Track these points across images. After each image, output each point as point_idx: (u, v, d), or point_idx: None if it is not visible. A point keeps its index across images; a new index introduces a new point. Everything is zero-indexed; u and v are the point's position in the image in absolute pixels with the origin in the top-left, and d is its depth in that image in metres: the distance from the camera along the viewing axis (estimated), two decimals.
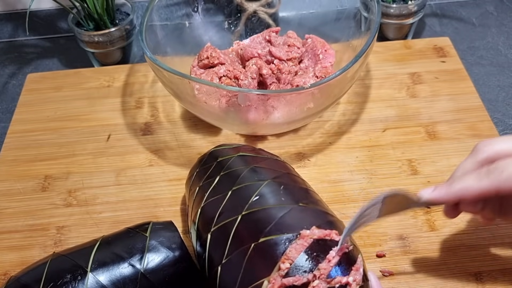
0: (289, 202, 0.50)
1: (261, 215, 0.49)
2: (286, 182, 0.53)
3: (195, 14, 0.80)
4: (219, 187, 0.54)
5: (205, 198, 0.54)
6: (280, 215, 0.48)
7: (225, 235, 0.49)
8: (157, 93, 0.80)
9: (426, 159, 0.69)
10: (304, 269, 0.44)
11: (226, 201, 0.52)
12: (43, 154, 0.73)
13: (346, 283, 0.44)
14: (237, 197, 0.52)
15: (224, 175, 0.55)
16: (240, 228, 0.49)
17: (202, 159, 0.61)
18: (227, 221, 0.50)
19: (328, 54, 0.74)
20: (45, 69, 0.91)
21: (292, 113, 0.66)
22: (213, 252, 0.50)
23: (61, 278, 0.50)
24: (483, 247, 0.60)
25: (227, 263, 0.48)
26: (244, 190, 0.52)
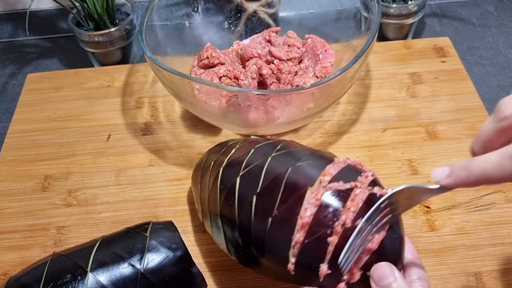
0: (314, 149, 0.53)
1: (292, 152, 0.51)
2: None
3: (195, 14, 0.80)
4: (240, 150, 0.55)
5: (227, 159, 0.54)
6: (310, 151, 0.51)
7: (256, 173, 0.50)
8: (157, 93, 0.80)
9: (426, 159, 0.69)
10: (346, 179, 0.46)
11: (252, 154, 0.53)
12: (43, 154, 0.73)
13: (385, 192, 0.45)
14: (262, 149, 0.53)
15: (241, 144, 0.57)
16: (272, 164, 0.50)
17: (211, 149, 0.62)
18: (257, 163, 0.51)
19: (328, 54, 0.74)
20: (45, 69, 0.91)
21: (292, 113, 0.66)
22: (245, 189, 0.50)
23: (61, 278, 0.50)
24: (483, 247, 0.60)
25: (263, 191, 0.48)
26: (268, 145, 0.54)
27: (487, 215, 0.63)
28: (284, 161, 0.50)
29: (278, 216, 0.46)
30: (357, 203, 0.44)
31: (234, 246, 0.52)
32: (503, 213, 0.63)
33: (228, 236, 0.52)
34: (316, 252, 0.44)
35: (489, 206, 0.64)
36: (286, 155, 0.51)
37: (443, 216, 0.63)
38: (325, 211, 0.44)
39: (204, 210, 0.56)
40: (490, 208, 0.63)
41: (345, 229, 0.43)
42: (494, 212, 0.63)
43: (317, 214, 0.44)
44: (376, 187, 0.46)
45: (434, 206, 0.64)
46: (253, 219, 0.48)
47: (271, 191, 0.48)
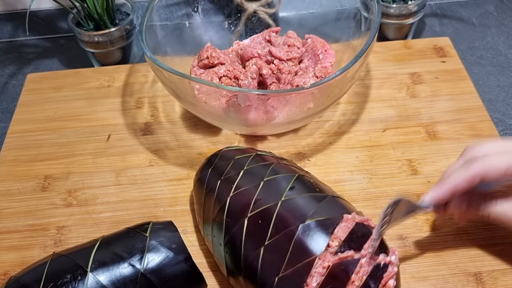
0: (323, 192, 0.54)
1: (301, 201, 0.52)
2: (312, 178, 0.57)
3: (195, 14, 0.80)
4: (246, 180, 0.55)
5: (233, 190, 0.55)
6: (320, 201, 0.52)
7: (266, 219, 0.51)
8: (157, 93, 0.80)
9: (426, 159, 0.69)
10: (352, 247, 0.47)
11: (260, 190, 0.53)
12: (43, 154, 0.73)
13: (389, 262, 0.48)
14: (271, 187, 0.54)
15: (248, 170, 0.57)
16: (282, 211, 0.51)
17: (213, 160, 0.61)
18: (266, 206, 0.52)
19: (328, 54, 0.74)
20: (45, 69, 0.91)
21: (292, 113, 0.66)
22: (253, 236, 0.51)
23: (61, 278, 0.50)
24: (483, 247, 0.60)
25: (271, 244, 0.49)
26: (277, 181, 0.55)
27: None
28: (295, 211, 0.51)
29: (284, 277, 0.47)
30: (361, 277, 0.46)
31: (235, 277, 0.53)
32: None
33: (231, 269, 0.53)
34: None
35: None
36: (297, 202, 0.52)
37: (443, 216, 0.63)
38: (330, 282, 0.46)
39: (206, 229, 0.57)
40: None
41: None
42: None
43: (323, 284, 0.46)
44: (381, 254, 0.48)
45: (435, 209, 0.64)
46: (259, 272, 0.49)
47: (279, 247, 0.49)
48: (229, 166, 0.58)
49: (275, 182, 0.54)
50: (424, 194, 0.54)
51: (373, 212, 0.63)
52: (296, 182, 0.54)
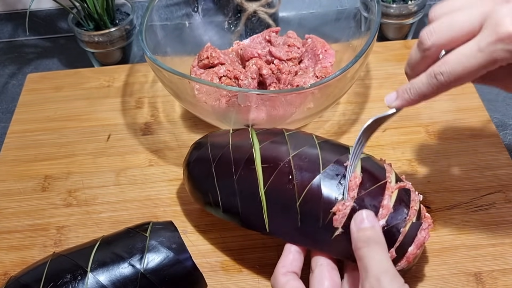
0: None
1: (334, 145, 0.56)
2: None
3: (195, 14, 0.80)
4: (264, 138, 0.57)
5: (256, 144, 0.56)
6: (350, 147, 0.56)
7: (311, 156, 0.53)
8: (157, 93, 0.80)
9: (426, 159, 0.69)
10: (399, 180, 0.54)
11: (289, 140, 0.56)
12: (43, 154, 0.73)
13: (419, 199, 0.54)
14: (298, 137, 0.57)
15: (259, 133, 0.58)
16: (324, 150, 0.54)
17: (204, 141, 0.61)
18: (305, 147, 0.54)
19: (328, 54, 0.74)
20: (45, 69, 0.91)
21: (292, 113, 0.66)
22: (305, 169, 0.52)
23: (61, 278, 0.50)
24: (483, 247, 0.60)
25: (326, 171, 0.52)
26: (300, 134, 0.58)
27: (487, 215, 0.63)
28: (337, 149, 0.55)
29: (359, 198, 0.51)
30: (416, 203, 0.53)
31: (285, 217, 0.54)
32: (503, 213, 0.63)
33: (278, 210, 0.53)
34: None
35: (489, 206, 0.64)
36: (332, 144, 0.57)
37: (443, 216, 0.63)
38: (399, 206, 0.51)
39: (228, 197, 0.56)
40: (490, 208, 0.63)
41: (412, 224, 0.51)
42: (494, 212, 0.63)
43: (394, 206, 0.51)
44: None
45: (434, 206, 0.64)
46: (323, 195, 0.51)
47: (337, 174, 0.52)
48: (230, 136, 0.59)
49: (299, 135, 0.57)
50: (388, 95, 0.52)
51: None
52: (317, 137, 0.57)
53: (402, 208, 0.51)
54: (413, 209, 0.52)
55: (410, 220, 0.51)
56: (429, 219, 0.53)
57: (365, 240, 0.47)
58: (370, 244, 0.47)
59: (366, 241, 0.47)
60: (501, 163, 0.68)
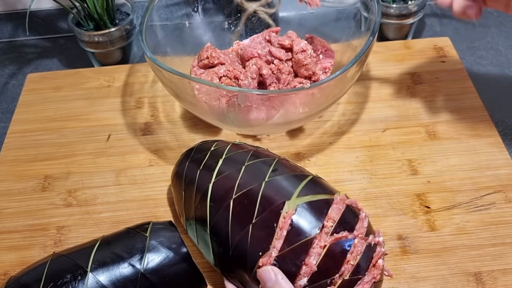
0: (305, 172, 0.55)
1: (285, 181, 0.52)
2: (291, 161, 0.58)
3: (195, 14, 0.80)
4: (227, 166, 0.56)
5: (214, 177, 0.55)
6: (305, 180, 0.52)
7: (251, 199, 0.51)
8: (157, 93, 0.80)
9: (426, 159, 0.69)
10: (345, 228, 0.49)
11: (243, 174, 0.54)
12: (43, 154, 0.73)
13: (377, 242, 0.50)
14: (253, 170, 0.54)
15: (227, 158, 0.57)
16: (267, 191, 0.51)
17: (189, 153, 0.62)
18: (250, 187, 0.52)
19: (328, 54, 0.75)
20: (45, 69, 0.91)
21: (292, 113, 0.66)
22: (240, 216, 0.51)
23: (61, 278, 0.50)
24: (483, 247, 0.60)
25: (259, 222, 0.50)
26: (259, 165, 0.55)
27: (487, 215, 0.63)
28: (281, 190, 0.51)
29: (282, 256, 0.48)
30: (355, 256, 0.48)
31: (221, 265, 0.53)
32: (503, 213, 0.63)
33: (217, 253, 0.53)
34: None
35: (489, 206, 0.64)
36: (281, 182, 0.52)
37: (443, 216, 0.63)
38: (327, 262, 0.48)
39: (188, 220, 0.57)
40: (490, 208, 0.63)
41: (343, 281, 0.48)
42: (494, 212, 0.63)
43: (320, 263, 0.48)
44: (370, 235, 0.50)
45: (434, 206, 0.64)
46: (248, 250, 0.49)
47: (267, 224, 0.49)
48: (207, 156, 0.58)
49: (257, 166, 0.55)
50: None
51: (373, 212, 0.63)
52: (277, 165, 0.55)
53: (330, 265, 0.48)
54: (349, 263, 0.48)
55: (341, 278, 0.47)
56: (377, 269, 0.49)
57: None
58: None
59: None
60: (501, 163, 0.68)
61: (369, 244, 0.49)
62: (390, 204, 0.64)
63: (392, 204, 0.64)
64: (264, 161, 0.56)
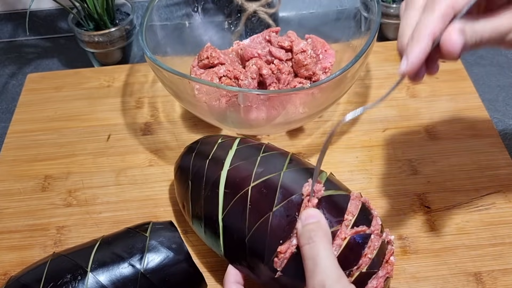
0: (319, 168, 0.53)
1: (304, 173, 0.52)
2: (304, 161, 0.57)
3: (195, 14, 0.80)
4: (239, 158, 0.55)
5: (227, 165, 0.55)
6: (324, 175, 0.53)
7: (270, 188, 0.51)
8: (157, 93, 0.80)
9: (426, 159, 0.69)
10: (363, 223, 0.50)
11: (259, 164, 0.54)
12: (43, 154, 0.73)
13: (389, 240, 0.51)
14: (269, 161, 0.54)
15: (238, 149, 0.57)
16: (286, 181, 0.51)
17: (194, 147, 0.61)
18: (269, 176, 0.52)
19: (328, 54, 0.74)
20: (45, 69, 0.91)
21: (292, 113, 0.66)
22: (259, 204, 0.51)
23: (61, 278, 0.50)
24: (483, 247, 0.60)
25: (280, 210, 0.49)
26: (274, 156, 0.55)
27: (487, 215, 0.63)
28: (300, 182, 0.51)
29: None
30: (372, 251, 0.49)
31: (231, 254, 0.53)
32: (503, 213, 0.63)
33: (230, 241, 0.53)
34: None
35: (489, 206, 0.64)
36: (300, 174, 0.53)
37: (443, 216, 0.63)
38: (347, 254, 0.48)
39: (194, 209, 0.57)
40: (490, 208, 0.63)
41: (361, 273, 0.48)
42: (494, 212, 0.63)
43: (341, 255, 0.48)
44: (384, 232, 0.51)
45: (434, 206, 0.64)
46: (268, 237, 0.49)
47: (289, 214, 0.49)
48: (215, 148, 0.58)
49: (272, 157, 0.55)
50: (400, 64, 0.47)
51: None
52: (292, 158, 0.55)
53: (350, 257, 0.48)
54: (367, 257, 0.48)
55: (359, 270, 0.48)
56: (390, 265, 0.50)
57: (309, 236, 0.46)
58: (314, 239, 0.45)
59: (310, 237, 0.46)
60: (501, 163, 0.68)
61: (383, 241, 0.50)
62: (390, 204, 0.64)
63: (392, 204, 0.64)
64: (280, 153, 0.56)
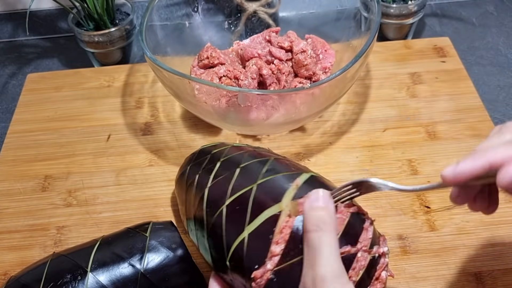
0: (300, 171, 0.51)
1: (277, 180, 0.49)
2: (288, 159, 0.55)
3: (195, 14, 0.80)
4: (223, 170, 0.54)
5: (210, 181, 0.53)
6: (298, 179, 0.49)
7: (243, 203, 0.48)
8: (157, 93, 0.80)
9: (426, 159, 0.69)
10: (348, 241, 0.45)
11: (237, 177, 0.52)
12: (43, 154, 0.73)
13: (382, 253, 0.47)
14: (247, 172, 0.52)
15: (225, 160, 0.55)
16: (258, 194, 0.48)
17: (192, 156, 0.61)
18: (242, 191, 0.49)
19: (328, 54, 0.75)
20: (45, 69, 0.91)
21: (292, 113, 0.66)
22: (233, 223, 0.48)
23: (61, 278, 0.50)
24: (483, 247, 0.60)
25: (253, 230, 0.46)
26: (253, 166, 0.53)
27: (487, 215, 0.63)
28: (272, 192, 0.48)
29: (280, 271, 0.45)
30: (357, 272, 0.45)
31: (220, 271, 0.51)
32: (503, 213, 0.63)
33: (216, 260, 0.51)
34: None
35: None
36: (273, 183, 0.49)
37: (443, 216, 0.63)
38: None
39: (189, 225, 0.56)
40: None
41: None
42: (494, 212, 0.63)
43: None
44: (374, 247, 0.47)
45: (434, 206, 0.64)
46: (245, 260, 0.46)
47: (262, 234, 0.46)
48: (207, 160, 0.58)
49: (251, 167, 0.52)
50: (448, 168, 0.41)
51: (373, 212, 0.63)
52: (271, 164, 0.52)
53: None
54: (351, 280, 0.44)
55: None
56: (381, 282, 0.46)
57: (317, 224, 0.43)
58: (322, 228, 0.43)
59: (317, 225, 0.43)
60: None
61: (373, 257, 0.46)
62: (390, 204, 0.64)
63: (392, 204, 0.64)
64: (260, 161, 0.53)
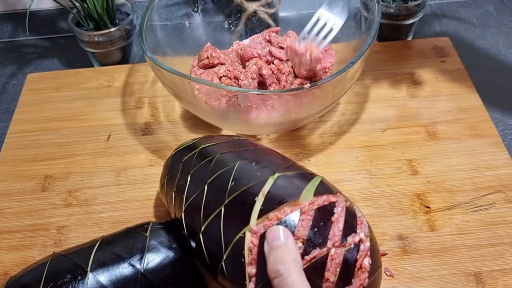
0: (266, 175, 0.49)
1: (244, 196, 0.47)
2: (255, 158, 0.53)
3: (195, 14, 0.80)
4: (194, 186, 0.53)
5: (184, 201, 0.53)
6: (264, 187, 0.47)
7: (216, 230, 0.48)
8: (157, 93, 0.80)
9: (426, 159, 0.69)
10: (317, 244, 0.43)
11: (206, 196, 0.50)
12: (43, 154, 0.73)
13: (359, 240, 0.44)
14: (214, 188, 0.51)
15: (194, 172, 0.54)
16: (227, 220, 0.47)
17: (167, 165, 0.60)
18: (212, 215, 0.48)
19: (328, 54, 0.75)
20: (45, 69, 0.91)
21: (292, 113, 0.66)
22: (211, 251, 0.48)
23: (61, 278, 0.50)
24: (483, 247, 0.60)
25: (228, 257, 0.46)
26: (219, 180, 0.51)
27: (487, 215, 0.63)
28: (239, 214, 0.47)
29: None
30: (334, 271, 0.43)
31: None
32: (503, 213, 0.63)
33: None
34: None
35: (489, 206, 0.64)
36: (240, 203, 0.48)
37: (443, 216, 0.63)
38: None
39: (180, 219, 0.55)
40: (490, 208, 0.63)
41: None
42: (494, 212, 0.63)
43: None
44: (348, 237, 0.44)
45: (434, 206, 0.64)
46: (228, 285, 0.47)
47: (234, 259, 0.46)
48: (179, 172, 0.56)
49: (217, 183, 0.51)
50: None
51: (373, 212, 0.63)
52: (237, 172, 0.50)
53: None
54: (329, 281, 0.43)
55: None
56: (364, 271, 0.44)
57: (276, 269, 0.41)
58: (281, 272, 0.41)
59: (277, 270, 0.41)
60: (501, 163, 0.68)
61: (349, 249, 0.44)
62: (390, 204, 0.64)
63: (392, 204, 0.64)
64: (226, 171, 0.51)
